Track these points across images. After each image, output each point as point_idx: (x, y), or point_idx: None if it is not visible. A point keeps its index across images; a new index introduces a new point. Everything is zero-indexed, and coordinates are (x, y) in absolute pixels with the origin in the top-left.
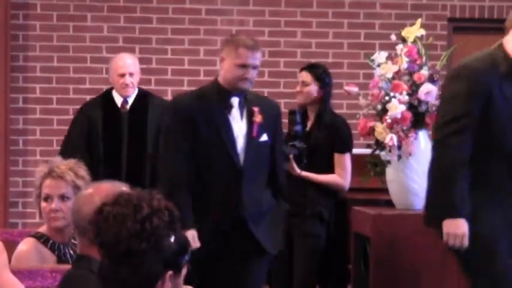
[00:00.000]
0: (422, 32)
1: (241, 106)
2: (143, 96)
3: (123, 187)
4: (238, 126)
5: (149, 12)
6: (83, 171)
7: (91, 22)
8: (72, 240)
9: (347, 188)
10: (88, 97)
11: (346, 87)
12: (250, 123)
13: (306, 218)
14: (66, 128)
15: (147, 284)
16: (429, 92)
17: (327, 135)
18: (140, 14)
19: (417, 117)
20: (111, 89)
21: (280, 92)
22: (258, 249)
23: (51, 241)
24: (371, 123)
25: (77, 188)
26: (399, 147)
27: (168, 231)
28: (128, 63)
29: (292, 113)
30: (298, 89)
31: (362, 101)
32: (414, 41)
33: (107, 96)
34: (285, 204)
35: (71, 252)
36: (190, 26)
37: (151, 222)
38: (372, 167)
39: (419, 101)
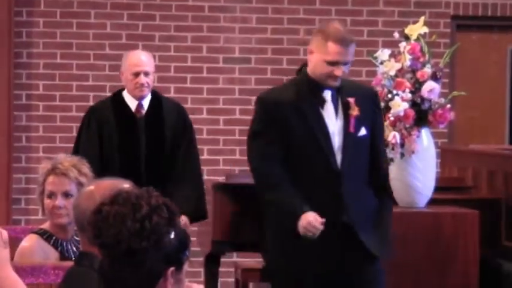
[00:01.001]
0: (426, 29)
1: (334, 99)
2: (158, 99)
3: (125, 184)
4: (333, 121)
5: (152, 9)
6: (86, 168)
7: (94, 19)
8: (75, 237)
9: None
10: (91, 94)
11: None
12: (346, 117)
13: None
14: (69, 124)
15: (149, 282)
16: (432, 90)
17: None
18: (143, 11)
19: (420, 115)
20: (121, 90)
21: None
22: (369, 257)
23: (54, 237)
24: None
25: (80, 185)
26: (402, 145)
27: (167, 228)
28: (143, 60)
29: None
30: None
31: None
32: (417, 39)
33: (118, 99)
34: (390, 201)
35: (74, 248)
36: (193, 23)
37: (150, 220)
38: None
39: (422, 99)
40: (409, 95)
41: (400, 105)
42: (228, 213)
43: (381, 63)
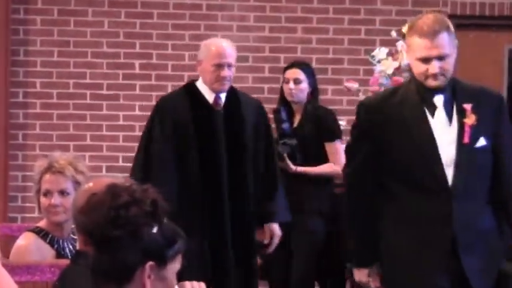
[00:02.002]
0: None
1: (448, 105)
2: (234, 93)
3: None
4: (445, 131)
5: (150, 7)
6: (82, 166)
7: (92, 17)
8: (72, 235)
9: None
10: (89, 92)
11: (347, 84)
12: (461, 126)
13: (304, 214)
14: (66, 122)
15: (125, 272)
16: None
17: (314, 127)
18: (141, 9)
19: None
20: (193, 81)
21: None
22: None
23: (50, 235)
24: None
25: (76, 183)
26: None
27: (148, 221)
28: (227, 51)
29: (276, 111)
30: (291, 86)
31: (362, 98)
32: None
33: (193, 90)
34: (509, 229)
35: (70, 247)
36: (191, 22)
37: (127, 210)
38: None
39: None
40: None
41: None
42: None
43: (378, 61)
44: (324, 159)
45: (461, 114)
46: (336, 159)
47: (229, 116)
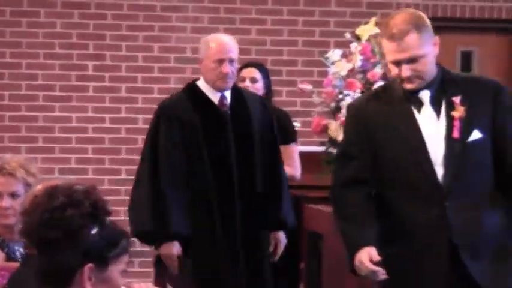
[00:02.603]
0: (377, 30)
1: (435, 99)
2: (238, 91)
3: (76, 184)
4: (434, 127)
5: (104, 8)
6: (34, 168)
7: (44, 18)
8: (23, 239)
9: (299, 177)
10: (41, 94)
11: (300, 85)
12: (450, 119)
13: None
14: (18, 124)
15: (64, 274)
16: None
17: None
18: (94, 10)
19: None
20: (194, 81)
21: None
22: None
23: (0, 238)
24: (324, 121)
25: (27, 186)
26: None
27: (87, 222)
28: (228, 45)
29: None
30: (247, 84)
31: (316, 99)
32: (368, 40)
33: (195, 91)
34: None
35: (21, 250)
36: (145, 23)
37: (63, 211)
38: (325, 165)
39: None
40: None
41: None
42: None
43: (332, 63)
44: None
45: (450, 107)
46: (291, 162)
47: (237, 116)
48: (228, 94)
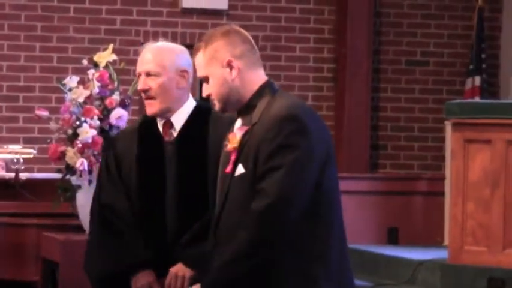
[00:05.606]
0: (114, 57)
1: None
2: (202, 113)
3: None
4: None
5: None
6: None
7: None
8: None
9: None
10: None
11: (37, 112)
12: None
13: None
14: None
15: None
16: (120, 117)
17: None
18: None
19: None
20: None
21: None
22: None
23: None
24: (62, 148)
25: None
26: (90, 171)
27: None
28: (146, 57)
29: None
30: None
31: (53, 126)
32: (106, 66)
33: (147, 120)
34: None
35: None
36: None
37: None
38: (62, 192)
39: (111, 126)
40: (98, 122)
41: (88, 132)
42: None
43: (69, 90)
44: None
45: None
46: None
47: (184, 146)
48: (179, 119)
